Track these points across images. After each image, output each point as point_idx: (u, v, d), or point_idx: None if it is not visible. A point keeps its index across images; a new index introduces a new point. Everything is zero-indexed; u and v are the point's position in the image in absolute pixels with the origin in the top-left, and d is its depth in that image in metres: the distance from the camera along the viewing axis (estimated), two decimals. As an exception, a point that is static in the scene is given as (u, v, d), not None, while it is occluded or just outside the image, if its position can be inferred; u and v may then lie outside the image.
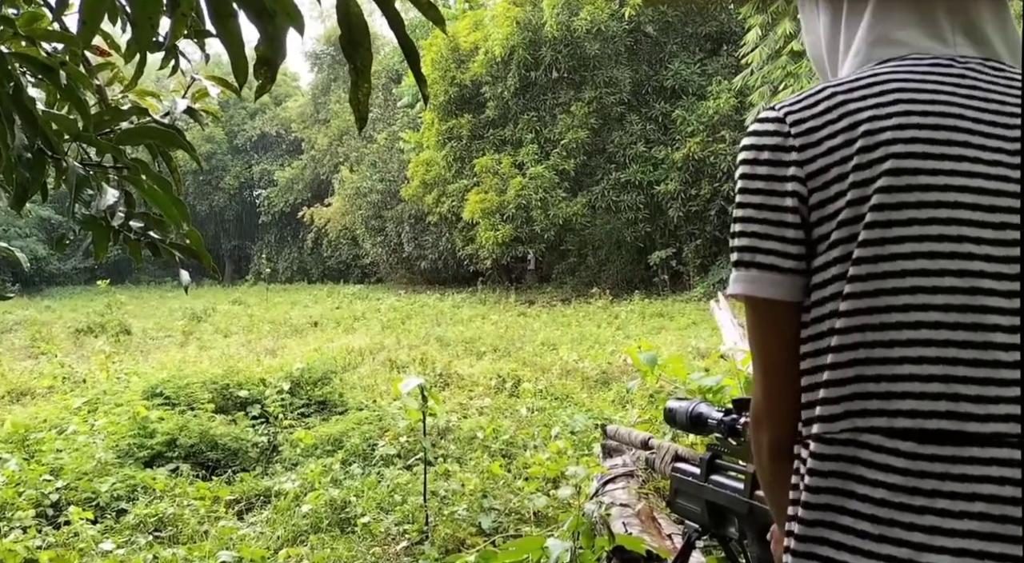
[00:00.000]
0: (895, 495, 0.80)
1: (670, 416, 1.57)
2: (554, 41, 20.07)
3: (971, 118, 0.85)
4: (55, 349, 12.17)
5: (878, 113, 0.86)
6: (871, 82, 0.89)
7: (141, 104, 2.97)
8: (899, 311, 0.82)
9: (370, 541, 4.22)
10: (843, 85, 0.91)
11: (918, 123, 0.85)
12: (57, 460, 5.38)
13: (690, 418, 1.57)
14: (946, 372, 0.80)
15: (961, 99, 0.86)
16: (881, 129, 0.85)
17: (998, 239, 0.81)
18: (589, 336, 13.15)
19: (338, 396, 7.47)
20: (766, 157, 0.91)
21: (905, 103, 0.86)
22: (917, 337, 0.81)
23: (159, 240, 2.73)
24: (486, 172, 20.89)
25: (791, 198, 0.89)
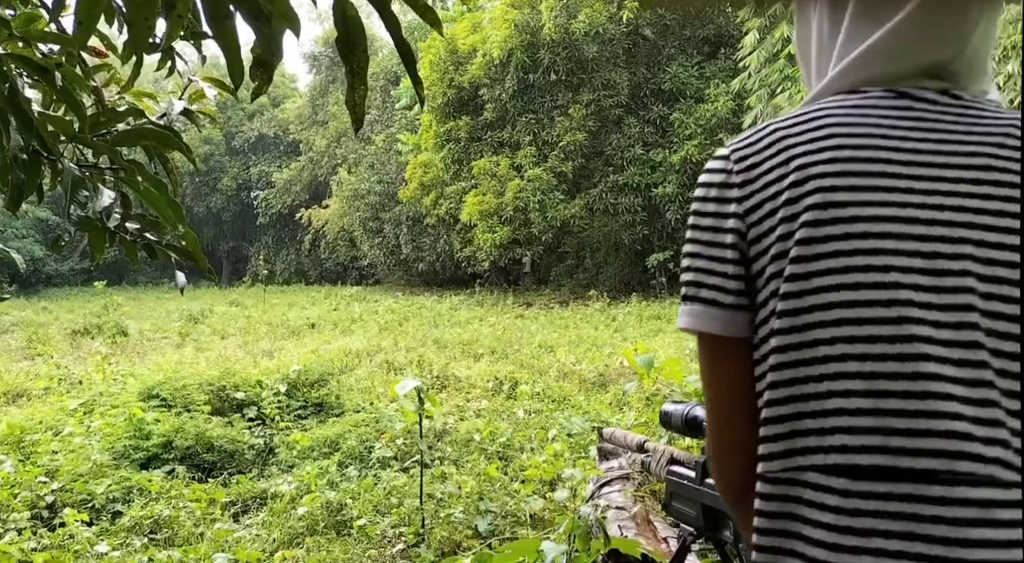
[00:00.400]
0: (831, 535, 0.78)
1: (666, 419, 1.57)
2: (552, 44, 20.09)
3: (908, 149, 0.84)
4: (51, 350, 12.15)
5: (811, 148, 0.85)
6: (813, 117, 0.89)
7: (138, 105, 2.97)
8: (826, 344, 0.81)
9: (366, 543, 4.22)
10: (787, 121, 0.90)
11: (849, 156, 0.84)
12: (52, 462, 5.37)
13: (686, 421, 1.57)
14: (875, 405, 0.78)
15: (902, 132, 0.85)
16: (813, 163, 0.84)
17: (928, 268, 0.80)
18: (587, 338, 13.15)
19: (335, 398, 7.46)
20: (713, 195, 0.92)
21: (840, 137, 0.85)
22: (844, 370, 0.80)
23: (155, 242, 2.72)
24: (484, 174, 20.90)
25: (731, 234, 0.89)
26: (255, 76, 1.82)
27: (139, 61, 2.56)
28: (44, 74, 1.68)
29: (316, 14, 28.03)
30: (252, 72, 1.81)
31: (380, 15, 1.75)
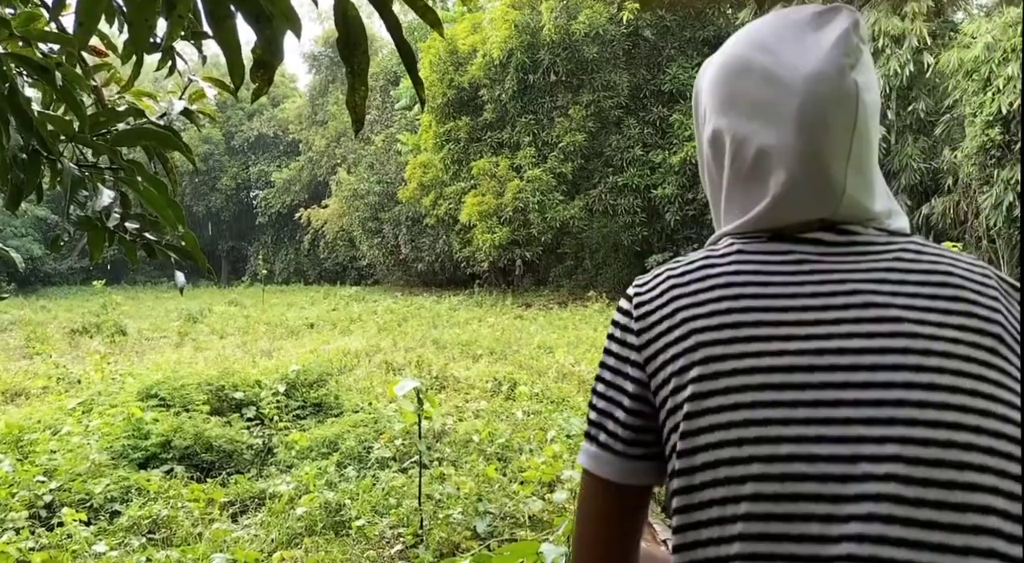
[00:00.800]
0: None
1: None
2: (552, 44, 20.09)
3: (788, 295, 0.82)
4: (50, 349, 12.14)
5: (695, 300, 0.85)
6: (700, 266, 0.89)
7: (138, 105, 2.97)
8: (718, 505, 0.78)
9: (364, 544, 4.21)
10: (679, 270, 0.91)
11: (728, 307, 0.83)
12: (51, 461, 5.36)
13: None
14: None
15: (782, 277, 0.84)
16: (695, 316, 0.84)
17: (809, 418, 0.76)
18: (586, 339, 13.14)
19: (333, 398, 7.45)
20: (617, 338, 0.92)
21: (721, 288, 0.84)
22: (734, 533, 0.77)
23: (155, 241, 2.72)
24: (483, 175, 20.89)
25: (632, 383, 0.88)
26: (256, 77, 1.82)
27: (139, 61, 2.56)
28: (44, 74, 1.67)
29: (316, 14, 28.01)
30: (252, 73, 1.81)
31: (381, 15, 1.75)
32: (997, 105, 11.79)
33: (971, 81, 12.53)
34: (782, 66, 0.85)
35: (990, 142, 12.07)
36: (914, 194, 15.11)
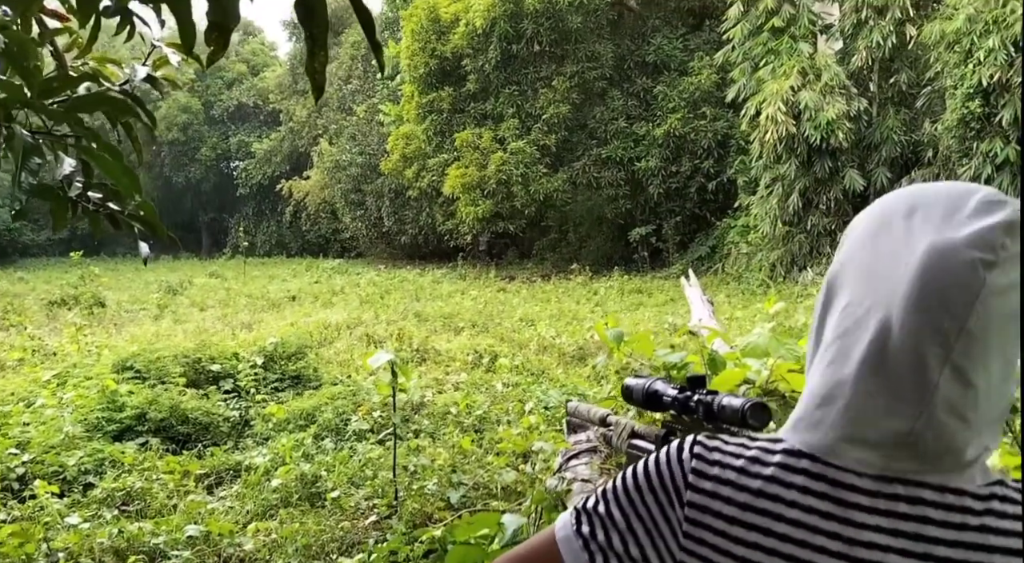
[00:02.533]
0: None
1: (627, 394, 1.57)
2: (536, 14, 19.87)
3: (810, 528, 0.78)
4: (26, 321, 12.01)
5: (741, 515, 0.81)
6: (761, 487, 0.82)
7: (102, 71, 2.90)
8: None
9: (339, 515, 4.22)
10: (739, 469, 0.84)
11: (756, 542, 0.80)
12: (24, 434, 5.32)
13: (645, 395, 1.57)
14: None
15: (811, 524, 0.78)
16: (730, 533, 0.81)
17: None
18: (568, 312, 13.18)
19: (312, 371, 7.43)
20: (667, 484, 0.90)
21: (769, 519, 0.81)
22: None
23: (118, 211, 2.67)
24: (467, 146, 20.74)
25: (662, 535, 0.88)
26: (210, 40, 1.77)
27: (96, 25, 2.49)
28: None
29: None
30: (207, 36, 1.76)
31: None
32: (978, 77, 11.79)
33: (952, 53, 12.52)
34: (919, 235, 0.76)
35: (970, 115, 12.09)
36: (894, 166, 15.16)
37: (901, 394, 0.75)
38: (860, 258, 0.82)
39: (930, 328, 0.73)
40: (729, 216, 19.15)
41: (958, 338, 0.73)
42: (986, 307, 0.73)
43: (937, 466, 0.75)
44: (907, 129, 14.87)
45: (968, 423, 0.75)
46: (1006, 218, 0.75)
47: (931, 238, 0.75)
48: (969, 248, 0.73)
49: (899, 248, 0.77)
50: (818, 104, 14.68)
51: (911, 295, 0.74)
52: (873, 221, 0.84)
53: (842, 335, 0.80)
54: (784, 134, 15.02)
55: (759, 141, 15.70)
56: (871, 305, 0.77)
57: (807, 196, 15.63)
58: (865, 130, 15.18)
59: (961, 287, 0.73)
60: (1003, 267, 0.74)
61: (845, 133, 14.54)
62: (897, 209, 0.81)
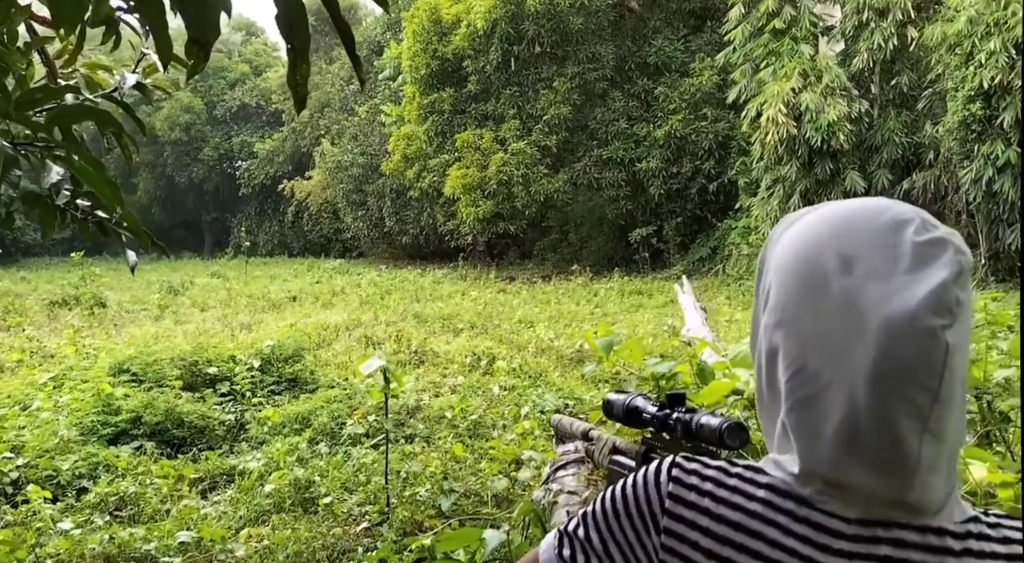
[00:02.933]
0: None
1: (608, 409, 1.56)
2: (537, 15, 19.85)
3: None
4: (27, 322, 12.02)
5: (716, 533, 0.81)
6: (740, 512, 0.81)
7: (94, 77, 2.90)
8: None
9: (331, 522, 4.21)
10: (722, 491, 0.83)
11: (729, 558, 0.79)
12: (19, 437, 5.32)
13: (626, 411, 1.56)
14: None
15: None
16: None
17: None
18: (567, 313, 13.17)
19: (309, 374, 7.43)
20: (644, 509, 0.90)
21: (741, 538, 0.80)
22: None
23: (106, 219, 2.66)
24: (467, 147, 20.73)
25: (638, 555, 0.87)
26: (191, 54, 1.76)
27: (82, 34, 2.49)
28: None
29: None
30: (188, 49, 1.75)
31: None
32: (979, 80, 11.75)
33: (954, 55, 12.48)
34: (865, 299, 0.73)
35: (971, 117, 12.05)
36: (895, 168, 15.12)
37: (884, 470, 0.73)
38: (801, 318, 0.78)
39: (903, 406, 0.72)
40: (730, 217, 19.13)
41: (933, 407, 0.72)
42: (952, 370, 0.72)
43: (915, 515, 0.75)
44: (908, 131, 14.84)
45: (942, 471, 0.75)
46: (953, 269, 0.73)
47: (883, 310, 0.72)
48: (926, 315, 0.71)
49: (845, 315, 0.74)
50: (819, 106, 14.65)
51: (876, 376, 0.72)
52: (804, 272, 0.78)
53: (804, 405, 0.77)
54: (785, 136, 14.99)
55: (760, 142, 15.67)
56: (831, 378, 0.74)
57: (808, 198, 15.59)
58: (866, 132, 15.14)
59: (927, 360, 0.71)
60: (959, 322, 0.72)
61: (846, 135, 14.51)
62: (828, 263, 0.76)
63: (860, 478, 0.74)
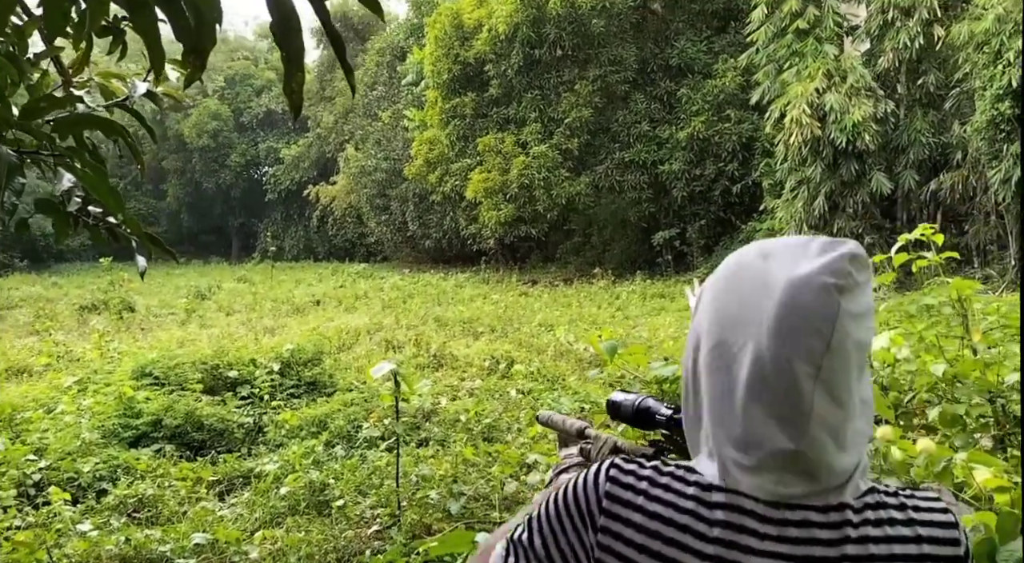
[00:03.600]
0: None
1: (614, 409, 1.53)
2: (558, 18, 19.85)
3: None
4: (57, 327, 12.25)
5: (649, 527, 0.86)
6: (668, 504, 0.87)
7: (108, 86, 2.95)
8: None
9: (344, 524, 4.24)
10: (656, 489, 0.88)
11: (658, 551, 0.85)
12: (42, 440, 5.43)
13: (636, 412, 1.53)
14: None
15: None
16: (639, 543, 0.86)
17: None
18: (588, 317, 13.14)
19: (328, 377, 7.49)
20: (583, 508, 0.96)
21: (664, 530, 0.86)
22: None
23: (116, 225, 2.71)
24: (489, 151, 20.78)
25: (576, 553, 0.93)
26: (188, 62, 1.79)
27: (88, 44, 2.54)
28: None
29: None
30: (184, 59, 1.78)
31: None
32: (1008, 78, 11.55)
33: (981, 54, 12.27)
34: (775, 273, 0.83)
35: (1000, 116, 11.84)
36: (922, 169, 14.89)
37: (782, 416, 0.80)
38: (721, 305, 0.87)
39: (798, 350, 0.80)
40: (754, 219, 18.96)
41: (824, 356, 0.80)
42: (844, 328, 0.80)
43: (820, 487, 0.82)
44: (935, 131, 14.61)
45: (840, 441, 0.81)
46: (848, 250, 0.83)
47: (787, 273, 0.82)
48: (822, 275, 0.81)
49: (758, 287, 0.84)
50: (844, 106, 14.48)
51: (776, 324, 0.81)
52: (728, 272, 0.89)
53: (717, 371, 0.85)
54: (809, 136, 14.83)
55: (784, 144, 15.52)
56: (743, 343, 0.83)
57: (833, 199, 15.43)
58: (892, 132, 14.93)
59: (820, 310, 0.80)
60: (853, 293, 0.82)
61: (872, 135, 14.32)
62: (749, 258, 0.87)
63: (764, 430, 0.81)
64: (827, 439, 0.80)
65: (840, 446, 0.81)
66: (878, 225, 15.42)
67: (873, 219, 15.49)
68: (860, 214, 15.32)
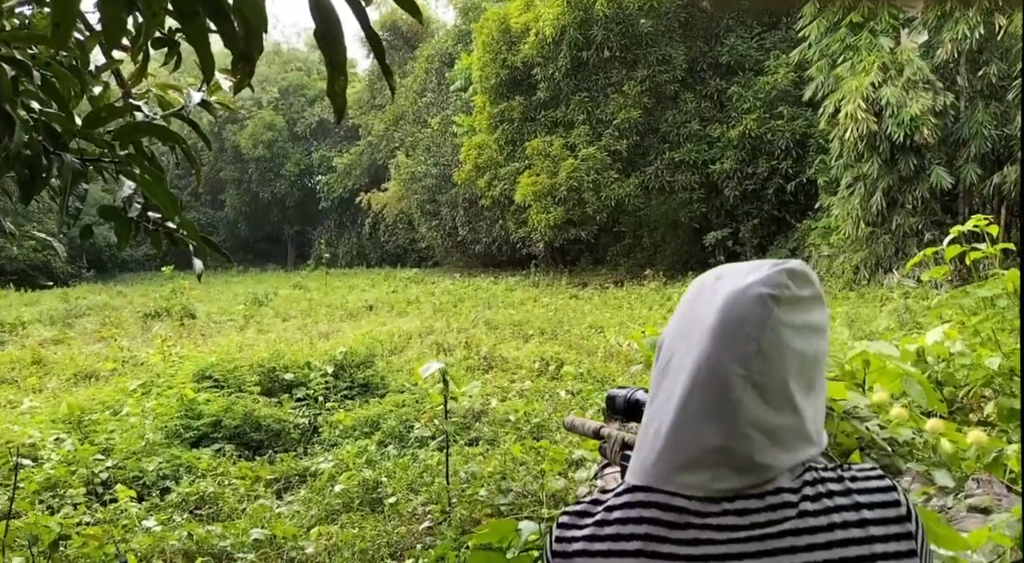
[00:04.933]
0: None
1: (611, 403, 1.57)
2: (606, 19, 19.80)
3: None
4: (121, 333, 12.71)
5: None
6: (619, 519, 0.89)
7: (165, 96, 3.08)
8: None
9: (397, 520, 4.32)
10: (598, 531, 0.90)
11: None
12: (109, 440, 5.65)
13: (627, 404, 1.57)
14: None
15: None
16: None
17: None
18: (638, 319, 13.05)
19: (380, 379, 7.62)
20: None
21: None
22: None
23: (174, 230, 2.82)
24: (537, 154, 20.83)
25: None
26: (237, 70, 1.88)
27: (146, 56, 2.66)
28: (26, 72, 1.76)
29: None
30: (234, 66, 1.87)
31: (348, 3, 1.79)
32: (1074, 66, 11.12)
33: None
34: (722, 289, 0.89)
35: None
36: (985, 162, 14.40)
37: (713, 412, 0.85)
38: (676, 320, 0.94)
39: (730, 352, 0.85)
40: (809, 217, 18.59)
41: (755, 358, 0.84)
42: (777, 334, 0.85)
43: (752, 481, 0.84)
44: (998, 123, 14.11)
45: (775, 440, 0.85)
46: (789, 266, 0.89)
47: (731, 288, 0.88)
48: (757, 286, 0.87)
49: (706, 302, 0.90)
50: (901, 100, 14.11)
51: (713, 328, 0.86)
52: (689, 293, 0.95)
53: (665, 378, 0.90)
54: (865, 132, 14.50)
55: (839, 140, 15.20)
56: (687, 351, 0.88)
57: (891, 195, 15.04)
58: (952, 125, 14.48)
59: (753, 315, 0.85)
60: (792, 305, 0.87)
61: (930, 129, 13.92)
62: (707, 279, 0.94)
63: (698, 428, 0.85)
64: (756, 435, 0.84)
65: (773, 443, 0.84)
66: (939, 221, 14.96)
67: (933, 215, 15.04)
68: (919, 210, 14.90)
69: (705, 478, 0.85)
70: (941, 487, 2.21)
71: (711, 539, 0.83)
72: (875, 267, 15.46)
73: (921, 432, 2.47)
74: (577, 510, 0.94)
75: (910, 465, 2.34)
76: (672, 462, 0.86)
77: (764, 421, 0.84)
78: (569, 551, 0.90)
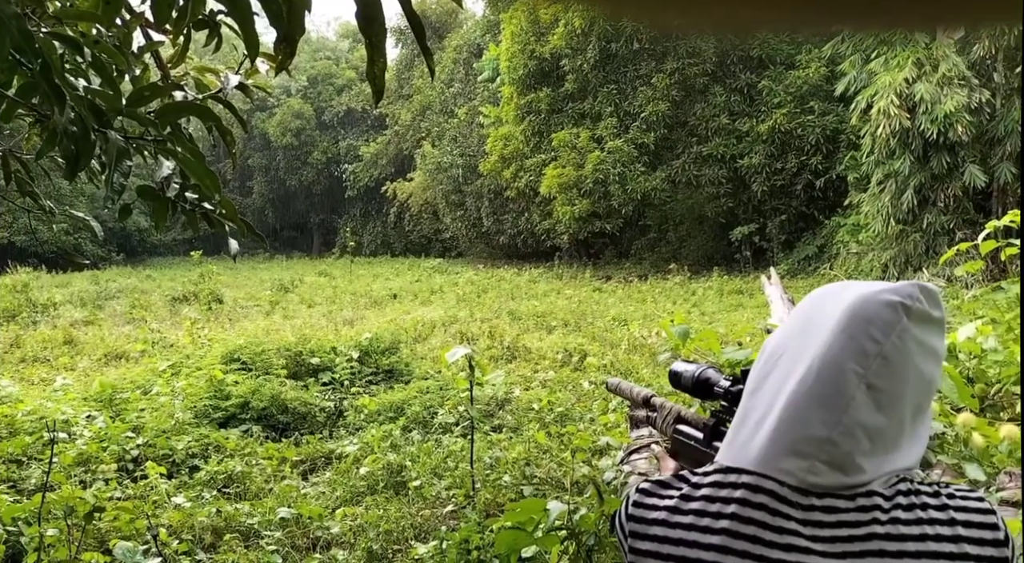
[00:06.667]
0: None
1: (675, 379, 1.56)
2: (635, 11, 19.65)
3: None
4: (151, 316, 12.91)
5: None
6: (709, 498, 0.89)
7: (202, 79, 3.13)
8: None
9: (420, 504, 4.37)
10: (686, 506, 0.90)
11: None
12: (140, 419, 5.76)
13: (696, 382, 1.57)
14: None
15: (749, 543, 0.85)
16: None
17: None
18: (662, 311, 13.01)
19: (404, 365, 7.67)
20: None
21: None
22: None
23: (211, 211, 2.87)
24: (564, 146, 20.77)
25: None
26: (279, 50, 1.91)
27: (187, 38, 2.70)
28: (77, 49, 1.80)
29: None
30: (276, 47, 1.90)
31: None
32: (1116, 63, 10.88)
33: (1087, 38, 11.59)
34: (847, 294, 0.89)
35: (1107, 104, 11.17)
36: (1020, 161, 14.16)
37: (823, 404, 0.84)
38: (794, 325, 0.93)
39: (851, 348, 0.85)
40: (838, 214, 18.37)
41: (875, 360, 0.84)
42: (904, 343, 0.85)
43: (848, 481, 0.84)
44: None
45: (876, 445, 0.84)
46: (924, 284, 0.88)
47: (860, 292, 0.88)
48: (889, 293, 0.87)
49: (832, 303, 0.90)
50: (935, 96, 13.89)
51: (838, 323, 0.86)
52: (811, 297, 0.95)
53: (779, 368, 0.90)
54: (898, 128, 14.29)
55: (871, 136, 14.99)
56: (802, 347, 0.89)
57: (923, 193, 14.82)
58: (987, 123, 14.23)
59: (882, 319, 0.85)
60: (921, 319, 0.86)
61: (965, 126, 13.69)
62: (831, 288, 0.94)
63: (805, 413, 0.85)
64: (861, 436, 0.83)
65: (875, 449, 0.84)
66: (971, 220, 14.72)
67: (966, 214, 14.80)
68: (952, 208, 14.67)
69: (803, 467, 0.84)
70: (972, 480, 2.20)
71: (796, 531, 0.83)
72: (904, 265, 15.25)
73: (952, 426, 2.46)
74: (660, 480, 0.94)
75: (940, 458, 2.33)
76: (774, 446, 0.86)
77: (871, 424, 0.84)
78: (648, 518, 0.91)
